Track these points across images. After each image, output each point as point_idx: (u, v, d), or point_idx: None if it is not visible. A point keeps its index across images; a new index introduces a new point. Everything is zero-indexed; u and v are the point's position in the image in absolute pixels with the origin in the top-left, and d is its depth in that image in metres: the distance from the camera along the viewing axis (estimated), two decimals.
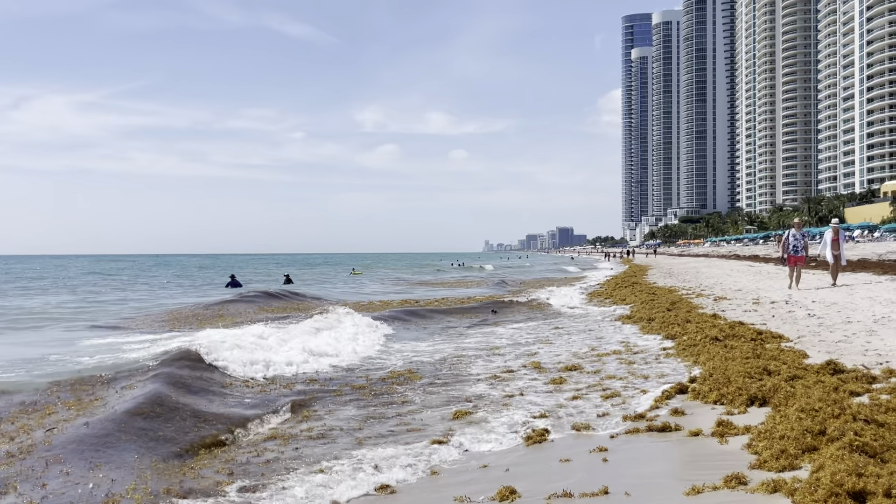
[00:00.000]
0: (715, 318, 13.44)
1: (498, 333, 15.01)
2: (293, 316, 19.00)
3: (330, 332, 13.79)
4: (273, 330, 13.13)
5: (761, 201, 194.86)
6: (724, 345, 9.47)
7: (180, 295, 33.46)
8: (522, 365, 10.24)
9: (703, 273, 33.27)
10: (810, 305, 14.22)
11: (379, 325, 15.68)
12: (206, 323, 17.65)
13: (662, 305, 16.67)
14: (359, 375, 10.01)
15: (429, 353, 12.25)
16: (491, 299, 25.19)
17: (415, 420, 7.20)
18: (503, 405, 7.57)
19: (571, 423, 6.58)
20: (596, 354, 10.92)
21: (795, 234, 19.08)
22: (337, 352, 11.75)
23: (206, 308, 22.75)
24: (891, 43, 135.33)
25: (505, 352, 11.92)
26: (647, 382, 8.34)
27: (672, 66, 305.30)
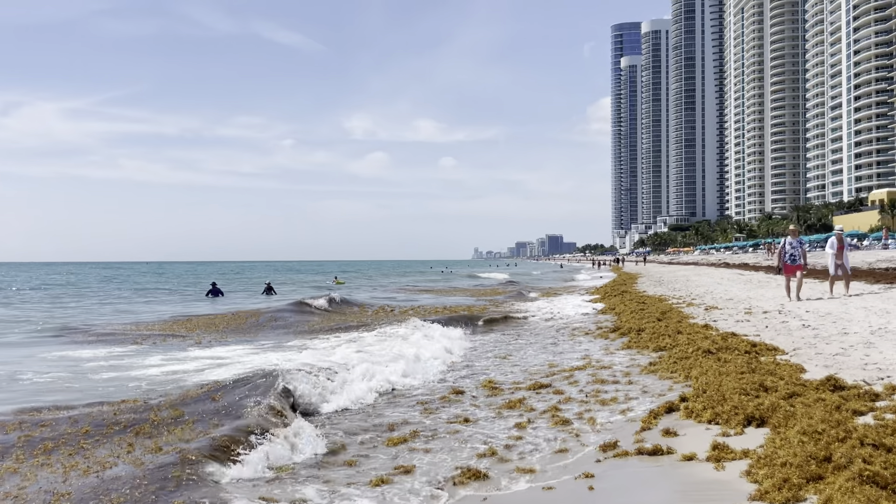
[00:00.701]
0: (707, 328, 13.06)
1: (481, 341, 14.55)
2: (355, 326, 18.39)
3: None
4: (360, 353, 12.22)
5: (750, 209, 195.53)
6: (717, 358, 9.07)
7: (222, 303, 33.21)
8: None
9: (693, 281, 32.96)
10: (804, 315, 13.86)
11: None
12: (285, 337, 16.87)
13: (652, 315, 16.29)
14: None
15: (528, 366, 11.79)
16: (472, 311, 24.73)
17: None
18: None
19: (553, 448, 6.16)
20: (570, 370, 10.50)
21: (792, 241, 18.13)
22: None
23: (271, 318, 21.78)
24: (877, 52, 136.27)
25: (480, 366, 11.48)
26: (631, 401, 7.92)
27: (661, 75, 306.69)
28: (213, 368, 11.42)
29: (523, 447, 6.31)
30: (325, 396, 8.44)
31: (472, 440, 6.61)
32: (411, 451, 6.29)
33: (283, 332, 18.07)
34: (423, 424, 7.31)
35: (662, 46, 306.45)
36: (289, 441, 6.41)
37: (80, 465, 5.71)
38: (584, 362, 11.07)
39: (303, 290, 48.34)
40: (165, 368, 11.60)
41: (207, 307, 30.31)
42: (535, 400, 8.30)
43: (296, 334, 17.48)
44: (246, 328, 19.32)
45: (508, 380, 9.88)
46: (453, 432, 6.91)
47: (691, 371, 8.64)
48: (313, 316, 23.09)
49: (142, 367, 11.75)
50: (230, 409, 7.44)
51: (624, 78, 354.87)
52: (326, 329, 18.44)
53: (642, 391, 8.26)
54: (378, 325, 17.90)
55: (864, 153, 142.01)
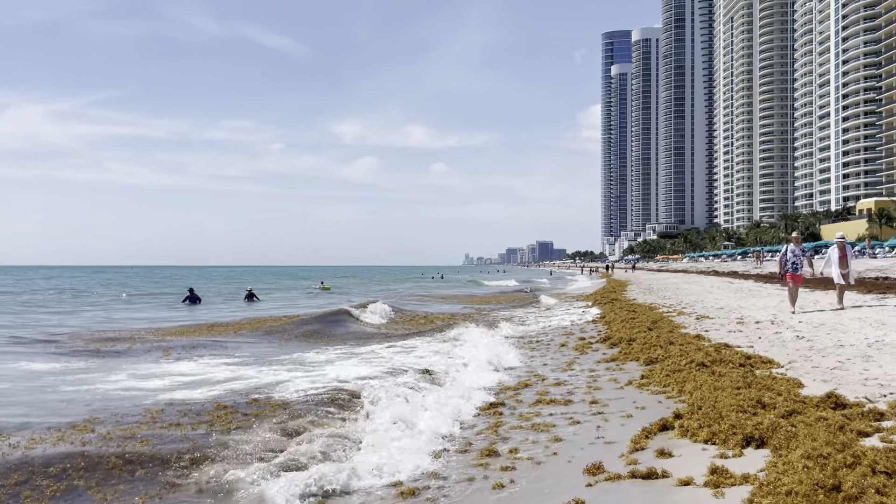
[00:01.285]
0: (699, 339, 12.75)
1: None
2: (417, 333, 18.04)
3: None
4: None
5: (738, 217, 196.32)
6: (711, 371, 8.73)
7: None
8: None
9: (682, 290, 32.72)
10: (798, 326, 13.57)
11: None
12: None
13: (643, 324, 15.97)
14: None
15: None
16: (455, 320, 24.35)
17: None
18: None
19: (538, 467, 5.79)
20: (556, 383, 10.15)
21: (794, 249, 17.18)
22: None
23: (328, 325, 21.22)
24: (866, 62, 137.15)
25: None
26: (622, 418, 7.57)
27: (651, 83, 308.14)
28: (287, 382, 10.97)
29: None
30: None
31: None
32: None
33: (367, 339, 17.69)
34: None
35: (653, 55, 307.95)
36: None
37: None
38: (572, 374, 10.72)
39: (287, 297, 47.84)
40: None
41: (206, 314, 29.83)
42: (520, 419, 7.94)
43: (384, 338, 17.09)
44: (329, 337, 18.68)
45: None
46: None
47: (685, 385, 8.30)
48: (360, 325, 22.43)
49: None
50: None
51: (614, 85, 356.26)
52: (398, 335, 18.25)
53: (634, 406, 7.91)
54: (435, 332, 17.69)
55: (852, 162, 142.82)
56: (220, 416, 7.93)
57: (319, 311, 26.22)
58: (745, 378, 8.02)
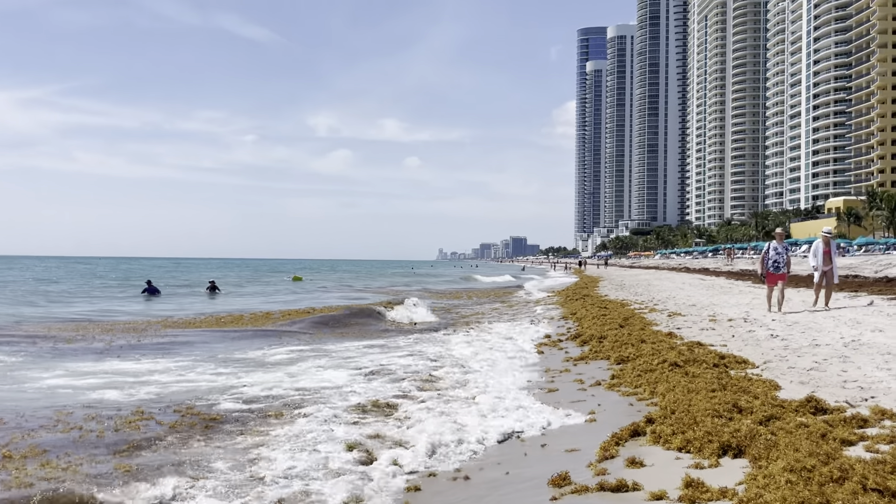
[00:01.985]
0: (671, 336, 12.41)
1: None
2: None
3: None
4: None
5: (710, 215, 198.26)
6: (684, 372, 8.35)
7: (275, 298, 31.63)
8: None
9: (654, 286, 32.58)
10: (771, 325, 13.30)
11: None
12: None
13: (615, 321, 15.62)
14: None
15: None
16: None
17: None
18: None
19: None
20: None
21: (777, 246, 15.88)
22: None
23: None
24: (836, 63, 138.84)
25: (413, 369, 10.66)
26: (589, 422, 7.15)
27: (626, 80, 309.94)
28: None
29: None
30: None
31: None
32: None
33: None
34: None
35: (628, 52, 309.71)
36: None
37: None
38: (539, 374, 10.30)
39: (256, 289, 47.05)
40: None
41: (163, 307, 29.05)
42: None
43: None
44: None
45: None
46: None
47: (657, 386, 7.90)
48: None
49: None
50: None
51: (589, 82, 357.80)
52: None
53: (603, 409, 7.49)
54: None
55: (822, 162, 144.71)
56: (130, 421, 7.31)
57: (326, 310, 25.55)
58: (720, 379, 7.65)
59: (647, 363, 9.34)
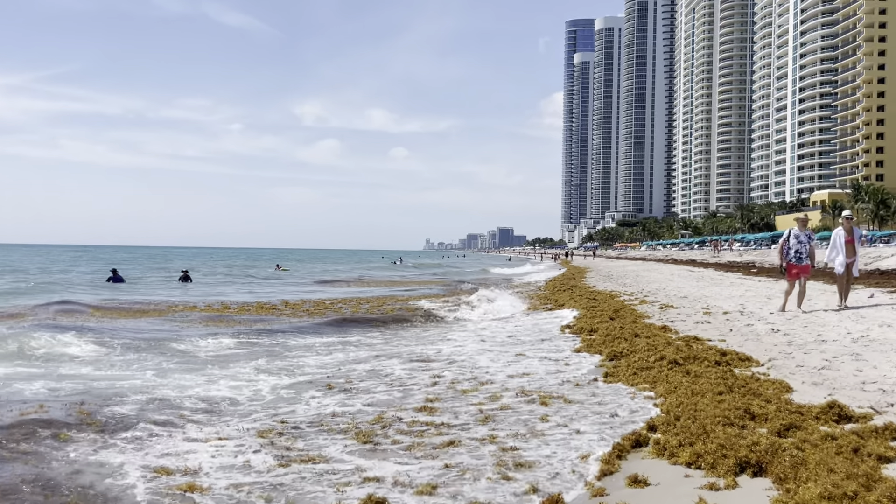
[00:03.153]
0: (665, 330, 11.71)
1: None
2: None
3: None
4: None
5: (696, 207, 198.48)
6: (685, 370, 7.63)
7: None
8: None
9: (643, 277, 31.96)
10: (770, 318, 12.62)
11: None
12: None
13: (605, 314, 14.92)
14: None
15: None
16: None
17: None
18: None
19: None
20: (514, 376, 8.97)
21: (798, 234, 13.39)
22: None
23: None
24: (822, 56, 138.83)
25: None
26: (583, 429, 6.41)
27: (613, 72, 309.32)
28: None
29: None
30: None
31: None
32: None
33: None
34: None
35: (615, 44, 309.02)
36: None
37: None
38: (523, 369, 9.56)
39: (240, 279, 46.05)
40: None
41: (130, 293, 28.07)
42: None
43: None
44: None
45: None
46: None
47: (656, 386, 7.18)
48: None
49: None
50: None
51: (576, 74, 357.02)
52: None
53: (594, 412, 6.74)
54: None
55: (807, 155, 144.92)
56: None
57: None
58: (725, 379, 6.93)
59: (643, 360, 8.62)
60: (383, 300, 23.91)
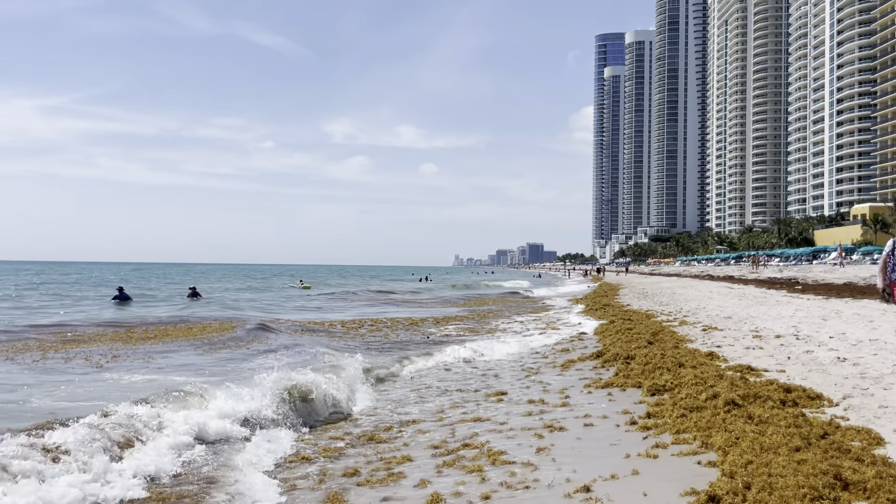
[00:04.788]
0: (712, 357, 10.42)
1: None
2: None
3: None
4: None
5: (731, 221, 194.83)
6: (746, 413, 6.35)
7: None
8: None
9: (680, 295, 30.44)
10: (830, 342, 11.24)
11: None
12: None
13: (642, 337, 13.60)
14: None
15: None
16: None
17: None
18: None
19: None
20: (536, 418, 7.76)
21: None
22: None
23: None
24: (860, 67, 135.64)
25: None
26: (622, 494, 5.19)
27: (644, 86, 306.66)
28: None
29: None
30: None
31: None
32: None
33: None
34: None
35: (646, 57, 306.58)
36: None
37: None
38: (545, 410, 8.34)
39: (259, 296, 45.30)
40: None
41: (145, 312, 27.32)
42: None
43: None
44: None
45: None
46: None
47: (711, 435, 5.92)
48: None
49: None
50: None
51: (607, 88, 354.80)
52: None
53: (639, 474, 5.52)
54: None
55: (846, 167, 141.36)
56: None
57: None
58: (799, 427, 5.67)
59: (692, 396, 7.36)
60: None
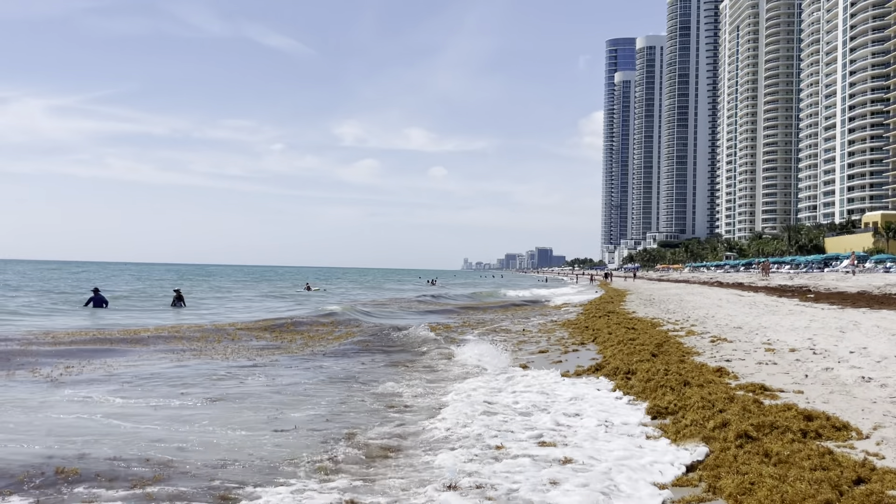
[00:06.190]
0: (721, 374, 9.48)
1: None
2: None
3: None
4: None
5: (740, 228, 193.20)
6: (762, 449, 5.42)
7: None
8: None
9: (688, 302, 29.42)
10: (851, 358, 10.27)
11: None
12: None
13: (646, 348, 12.66)
14: None
15: None
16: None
17: None
18: None
19: None
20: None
21: None
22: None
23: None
24: (873, 74, 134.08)
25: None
26: None
27: (654, 91, 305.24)
28: None
29: None
30: None
31: None
32: None
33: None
34: None
35: (657, 63, 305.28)
36: None
37: None
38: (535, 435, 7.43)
39: (262, 301, 44.53)
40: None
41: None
42: None
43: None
44: None
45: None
46: None
47: (720, 476, 5.00)
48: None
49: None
50: None
51: (617, 93, 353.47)
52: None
53: None
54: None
55: (858, 175, 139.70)
56: None
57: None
58: (826, 469, 4.74)
59: (698, 423, 6.43)
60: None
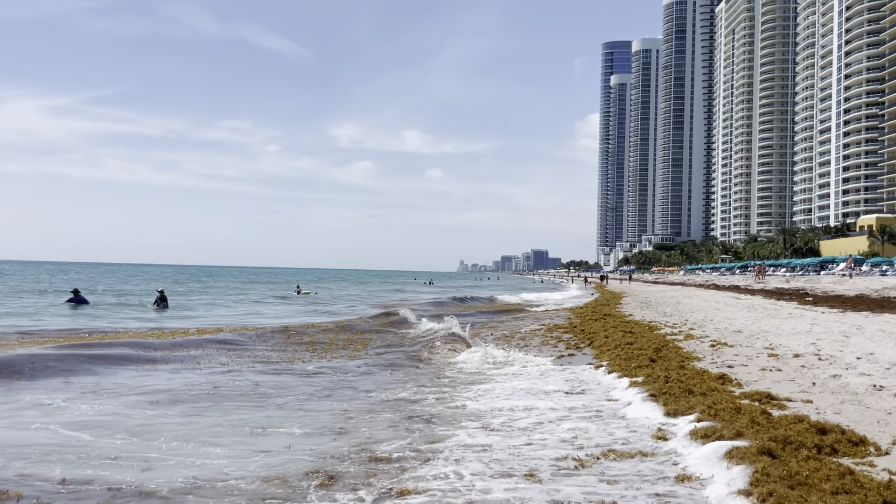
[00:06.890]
0: (724, 381, 9.05)
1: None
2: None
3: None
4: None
5: (735, 231, 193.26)
6: (784, 466, 4.99)
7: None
8: None
9: (685, 305, 29.03)
10: (859, 364, 9.86)
11: None
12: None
13: (644, 353, 12.23)
14: None
15: None
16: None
17: None
18: None
19: None
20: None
21: None
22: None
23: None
24: (868, 77, 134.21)
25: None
26: None
27: (650, 94, 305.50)
28: None
29: None
30: None
31: None
32: None
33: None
34: None
35: (653, 66, 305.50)
36: None
37: None
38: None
39: (247, 304, 44.03)
40: None
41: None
42: None
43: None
44: None
45: None
46: None
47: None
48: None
49: None
50: None
51: (613, 95, 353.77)
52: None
53: None
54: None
55: (852, 178, 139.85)
56: None
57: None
58: (849, 492, 4.31)
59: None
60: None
